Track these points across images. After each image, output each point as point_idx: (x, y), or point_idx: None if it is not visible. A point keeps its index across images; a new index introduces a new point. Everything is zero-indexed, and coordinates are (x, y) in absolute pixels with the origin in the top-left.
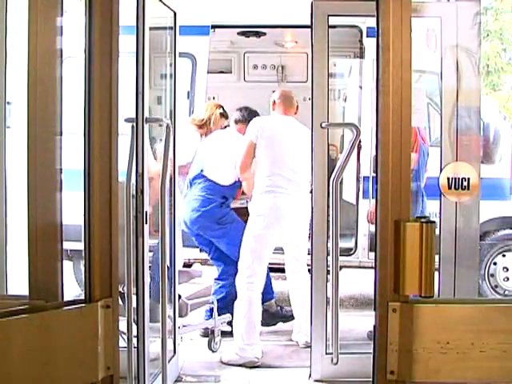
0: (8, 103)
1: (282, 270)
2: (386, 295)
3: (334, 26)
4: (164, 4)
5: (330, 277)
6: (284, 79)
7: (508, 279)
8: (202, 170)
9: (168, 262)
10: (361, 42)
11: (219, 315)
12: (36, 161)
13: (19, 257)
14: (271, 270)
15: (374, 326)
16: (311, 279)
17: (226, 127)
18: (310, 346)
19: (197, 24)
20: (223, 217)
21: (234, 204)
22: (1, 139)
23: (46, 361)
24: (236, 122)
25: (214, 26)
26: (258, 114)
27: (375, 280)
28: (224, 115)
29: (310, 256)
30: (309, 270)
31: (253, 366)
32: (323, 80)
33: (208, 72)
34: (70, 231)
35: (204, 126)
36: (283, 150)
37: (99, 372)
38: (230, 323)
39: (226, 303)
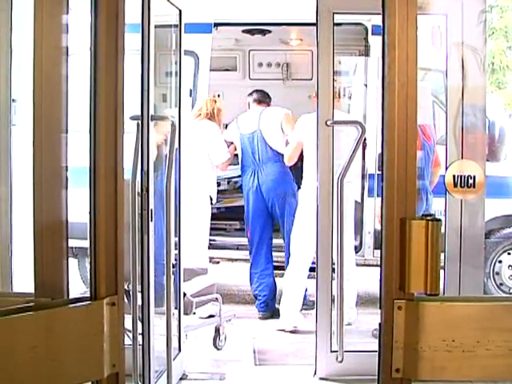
0: (13, 101)
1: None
2: (391, 293)
3: (339, 24)
4: (169, 2)
5: (335, 274)
6: (289, 77)
7: None
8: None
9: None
10: (366, 39)
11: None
12: (41, 158)
13: (25, 254)
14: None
15: (380, 324)
16: (316, 277)
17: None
18: (316, 344)
19: (199, 22)
20: None
21: (229, 203)
22: (6, 137)
23: (51, 358)
24: (259, 101)
25: (218, 24)
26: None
27: (381, 278)
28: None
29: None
30: (313, 269)
31: None
32: (328, 78)
33: (213, 70)
34: (76, 229)
35: (213, 118)
36: None
37: (105, 369)
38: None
39: None
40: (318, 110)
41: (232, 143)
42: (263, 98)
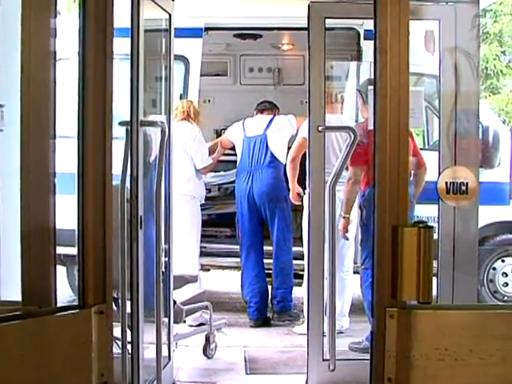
0: (0, 106)
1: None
2: (383, 301)
3: (331, 29)
4: (159, 6)
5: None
6: (280, 82)
7: (507, 285)
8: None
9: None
10: (358, 44)
11: None
12: (29, 164)
13: (12, 262)
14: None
15: (371, 332)
16: (308, 284)
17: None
18: (307, 352)
19: (190, 26)
20: None
21: (220, 210)
22: None
23: (39, 367)
24: (261, 111)
25: (209, 28)
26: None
27: (372, 286)
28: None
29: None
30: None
31: None
32: (320, 83)
33: (203, 75)
34: (64, 236)
35: (190, 118)
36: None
37: (93, 379)
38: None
39: None
40: (309, 116)
41: (218, 146)
42: (264, 107)
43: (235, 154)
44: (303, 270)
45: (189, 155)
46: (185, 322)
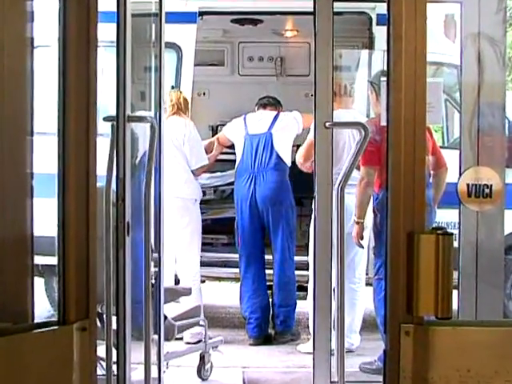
0: None
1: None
2: (397, 316)
3: (339, 13)
4: None
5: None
6: (283, 73)
7: None
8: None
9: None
10: (370, 30)
11: None
12: (3, 164)
13: None
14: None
15: (385, 351)
16: (314, 297)
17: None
18: (313, 374)
19: (182, 10)
20: None
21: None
22: None
23: None
24: (264, 106)
25: (204, 13)
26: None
27: (385, 299)
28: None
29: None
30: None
31: None
32: (327, 74)
33: (197, 64)
34: (42, 244)
35: (182, 112)
36: None
37: None
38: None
39: None
40: (315, 110)
41: (214, 146)
42: (267, 102)
43: (233, 153)
44: (307, 282)
45: (183, 154)
46: (182, 338)
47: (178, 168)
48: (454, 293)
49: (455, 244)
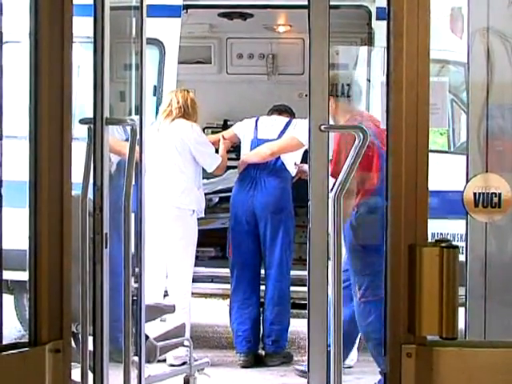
0: None
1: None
2: (398, 336)
3: (336, 7)
4: None
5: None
6: (275, 71)
7: None
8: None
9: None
10: (369, 25)
11: None
12: None
13: None
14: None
15: (385, 374)
16: (308, 313)
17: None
18: None
19: (166, 3)
20: None
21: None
22: None
23: None
24: (279, 112)
25: (189, 6)
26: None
27: (385, 317)
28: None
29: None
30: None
31: None
32: (323, 72)
33: (182, 62)
34: (12, 258)
35: (188, 115)
36: None
37: None
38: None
39: None
40: (309, 112)
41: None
42: (284, 109)
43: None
44: (304, 299)
45: (188, 161)
46: (165, 360)
47: (177, 176)
48: (461, 311)
49: (461, 258)
